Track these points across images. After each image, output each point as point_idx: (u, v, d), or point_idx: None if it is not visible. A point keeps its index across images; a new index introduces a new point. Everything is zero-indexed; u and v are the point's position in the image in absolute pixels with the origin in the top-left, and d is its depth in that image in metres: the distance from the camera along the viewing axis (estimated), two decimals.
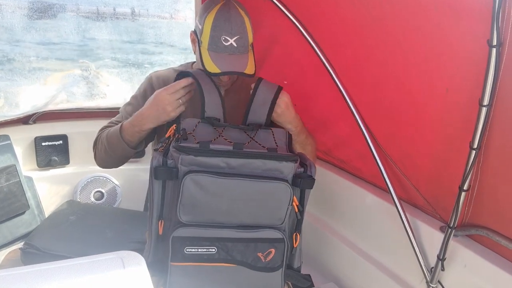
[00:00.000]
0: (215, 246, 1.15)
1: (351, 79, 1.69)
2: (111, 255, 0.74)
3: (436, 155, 1.44)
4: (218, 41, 1.31)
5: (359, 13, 1.52)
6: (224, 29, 1.31)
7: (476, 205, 1.32)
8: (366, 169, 1.82)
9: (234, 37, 1.32)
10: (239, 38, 1.33)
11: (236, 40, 1.33)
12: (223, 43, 1.32)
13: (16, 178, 1.96)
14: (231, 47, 1.33)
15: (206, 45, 1.33)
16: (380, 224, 1.71)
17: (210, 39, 1.32)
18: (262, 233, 1.18)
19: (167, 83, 1.42)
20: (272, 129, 1.31)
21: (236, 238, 1.16)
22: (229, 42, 1.32)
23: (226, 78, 1.44)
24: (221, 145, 1.13)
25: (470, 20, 1.15)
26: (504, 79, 1.10)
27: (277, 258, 1.22)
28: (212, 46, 1.32)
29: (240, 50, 1.35)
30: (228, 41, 1.32)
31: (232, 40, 1.32)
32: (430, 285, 1.44)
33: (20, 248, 1.64)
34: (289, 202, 1.18)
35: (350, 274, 1.84)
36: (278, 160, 1.15)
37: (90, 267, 0.71)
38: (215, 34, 1.31)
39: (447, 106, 1.32)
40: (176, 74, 1.37)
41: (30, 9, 3.68)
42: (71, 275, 0.68)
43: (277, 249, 1.21)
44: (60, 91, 2.57)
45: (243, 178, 1.12)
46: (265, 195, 1.15)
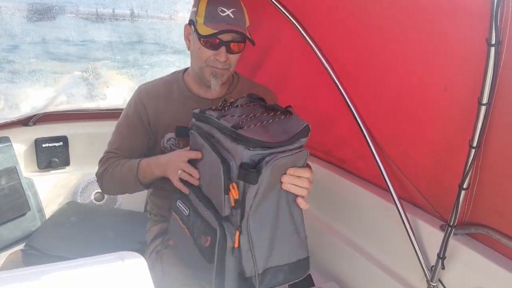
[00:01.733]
0: (189, 209, 1.12)
1: (350, 78, 1.70)
2: (112, 256, 0.74)
3: (435, 154, 1.44)
4: (215, 12, 1.26)
5: (358, 13, 1.52)
6: (219, 2, 1.27)
7: (476, 203, 1.32)
8: (366, 168, 1.82)
9: (231, 8, 1.27)
10: (236, 11, 1.28)
11: (233, 12, 1.27)
12: (220, 14, 1.26)
13: (17, 179, 1.96)
14: (228, 18, 1.26)
15: (202, 20, 1.27)
16: (380, 223, 1.71)
17: (206, 12, 1.26)
18: (209, 214, 1.03)
19: (157, 98, 1.40)
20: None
21: (197, 210, 1.09)
22: (226, 13, 1.26)
23: (223, 56, 1.28)
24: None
25: (468, 19, 1.15)
26: (503, 77, 1.10)
27: (210, 251, 1.02)
28: (208, 18, 1.26)
29: (239, 24, 1.28)
30: (225, 11, 1.26)
31: (229, 11, 1.26)
32: (431, 283, 1.44)
33: (21, 250, 1.64)
34: (223, 189, 0.97)
35: (351, 273, 1.84)
36: (234, 141, 0.96)
37: (91, 268, 0.71)
38: (211, 7, 1.26)
39: (446, 105, 1.32)
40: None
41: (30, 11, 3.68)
42: (72, 276, 0.68)
43: (211, 239, 1.02)
44: (60, 93, 2.57)
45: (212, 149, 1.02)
46: (212, 174, 1.03)
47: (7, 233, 1.88)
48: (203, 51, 1.29)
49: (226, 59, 1.30)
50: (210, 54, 1.29)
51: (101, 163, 1.42)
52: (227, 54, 1.29)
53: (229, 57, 1.30)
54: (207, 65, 1.32)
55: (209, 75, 1.33)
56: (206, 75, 1.34)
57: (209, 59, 1.30)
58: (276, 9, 1.84)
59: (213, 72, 1.32)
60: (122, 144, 1.43)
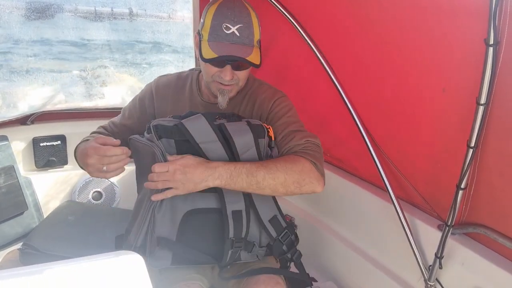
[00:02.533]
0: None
1: (348, 79, 1.70)
2: (110, 255, 0.74)
3: (433, 154, 1.44)
4: (219, 29, 1.17)
5: (356, 14, 1.52)
6: (225, 16, 1.17)
7: (473, 203, 1.32)
8: (364, 168, 1.82)
9: (237, 25, 1.17)
10: (242, 27, 1.18)
11: (239, 28, 1.17)
12: (224, 31, 1.17)
13: (15, 178, 1.96)
14: (232, 36, 1.17)
15: (206, 36, 1.20)
16: (378, 222, 1.71)
17: (211, 28, 1.19)
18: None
19: (166, 89, 1.40)
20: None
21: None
22: (230, 30, 1.17)
23: (228, 75, 1.22)
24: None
25: (467, 20, 1.16)
26: (501, 78, 1.10)
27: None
28: (212, 35, 1.19)
29: (244, 41, 1.19)
30: (229, 29, 1.17)
31: (234, 28, 1.17)
32: (428, 283, 1.44)
33: (19, 249, 1.64)
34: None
35: (349, 273, 1.84)
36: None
37: (89, 267, 0.71)
38: (216, 22, 1.18)
39: (444, 105, 1.33)
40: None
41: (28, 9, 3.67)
42: (70, 275, 0.68)
43: None
44: (58, 91, 2.56)
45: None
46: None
47: (5, 232, 1.88)
48: (209, 67, 1.24)
49: (232, 77, 1.24)
50: (216, 70, 1.23)
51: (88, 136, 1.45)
52: (233, 72, 1.23)
53: (236, 73, 1.24)
54: (214, 80, 1.26)
55: (215, 91, 1.29)
56: (213, 90, 1.30)
57: (215, 75, 1.25)
58: (276, 9, 1.84)
59: (219, 88, 1.27)
60: (120, 121, 1.46)
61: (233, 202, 1.16)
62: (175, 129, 1.15)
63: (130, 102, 1.50)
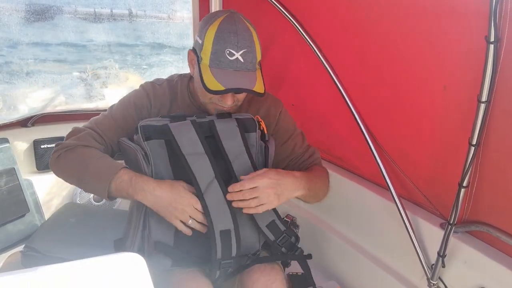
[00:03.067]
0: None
1: (349, 78, 1.70)
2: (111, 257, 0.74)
3: (435, 152, 1.44)
4: (222, 55, 1.12)
5: (357, 12, 1.52)
6: (228, 42, 1.12)
7: (475, 201, 1.32)
8: (366, 167, 1.82)
9: (241, 50, 1.12)
10: (246, 52, 1.13)
11: (242, 54, 1.13)
12: (228, 57, 1.12)
13: (16, 181, 1.95)
14: (236, 62, 1.13)
15: (207, 61, 1.14)
16: (380, 221, 1.71)
17: (212, 54, 1.13)
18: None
19: (163, 100, 1.30)
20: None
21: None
22: (234, 56, 1.12)
23: (229, 101, 1.20)
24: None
25: (467, 18, 1.15)
26: (502, 75, 1.10)
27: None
28: (214, 61, 1.13)
29: (248, 67, 1.15)
30: (233, 55, 1.12)
31: (238, 54, 1.12)
32: (431, 281, 1.44)
33: (21, 251, 1.63)
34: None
35: (351, 272, 1.84)
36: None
37: (91, 269, 0.71)
38: (218, 47, 1.12)
39: (445, 103, 1.32)
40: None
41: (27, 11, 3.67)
42: (72, 278, 0.68)
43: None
44: (59, 93, 2.56)
45: None
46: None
47: (6, 235, 1.87)
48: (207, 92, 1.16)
49: (233, 101, 1.21)
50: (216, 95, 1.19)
51: (74, 137, 1.23)
52: (234, 97, 1.20)
53: (236, 96, 1.21)
54: (212, 102, 1.22)
55: (212, 111, 1.25)
56: (211, 111, 1.26)
57: (214, 98, 1.21)
58: (276, 8, 1.84)
59: (217, 109, 1.23)
60: (109, 130, 1.27)
61: (220, 222, 1.12)
62: (166, 128, 1.14)
63: (119, 107, 1.32)
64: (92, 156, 1.18)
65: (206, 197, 1.10)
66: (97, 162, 1.17)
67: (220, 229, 1.11)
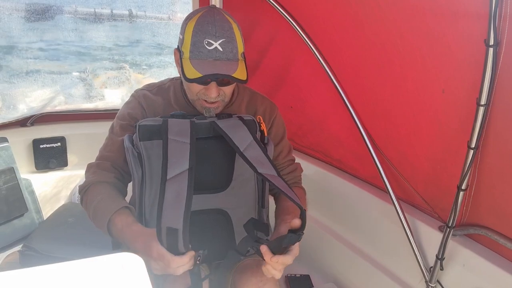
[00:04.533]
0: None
1: (348, 80, 1.70)
2: (110, 257, 0.73)
3: (433, 155, 1.44)
4: (201, 45, 1.12)
5: (356, 14, 1.52)
6: (206, 32, 1.12)
7: (474, 204, 1.32)
8: (364, 169, 1.82)
9: (219, 40, 1.12)
10: (225, 41, 1.13)
11: (221, 43, 1.12)
12: (206, 47, 1.12)
13: (15, 180, 1.95)
14: (216, 52, 1.12)
15: (187, 54, 1.14)
16: (379, 224, 1.71)
17: (192, 45, 1.13)
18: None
19: (156, 105, 1.29)
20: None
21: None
22: (213, 46, 1.12)
23: (214, 93, 1.18)
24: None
25: (466, 21, 1.16)
26: (501, 78, 1.10)
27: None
28: (194, 53, 1.13)
29: (228, 56, 1.14)
30: (211, 44, 1.12)
31: (216, 44, 1.12)
32: (429, 284, 1.44)
33: (19, 251, 1.63)
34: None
35: (349, 275, 1.84)
36: None
37: (89, 269, 0.71)
38: (196, 39, 1.12)
39: (444, 107, 1.33)
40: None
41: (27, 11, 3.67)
42: (70, 277, 0.68)
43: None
44: (58, 93, 2.56)
45: None
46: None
47: (5, 234, 1.87)
48: (193, 86, 1.19)
49: (218, 93, 1.19)
50: (200, 88, 1.19)
51: (88, 173, 1.27)
52: (218, 89, 1.19)
53: (222, 89, 1.20)
54: (199, 98, 1.22)
55: (201, 109, 1.24)
56: (199, 108, 1.25)
57: (200, 93, 1.20)
58: (275, 9, 1.84)
59: (204, 107, 1.22)
60: (113, 146, 1.28)
61: (170, 219, 1.04)
62: (164, 123, 1.13)
63: (117, 123, 1.31)
64: (93, 199, 1.19)
65: (168, 185, 1.02)
66: (95, 209, 1.17)
67: (168, 225, 1.00)
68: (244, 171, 1.19)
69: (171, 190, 1.01)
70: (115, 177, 1.26)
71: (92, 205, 1.18)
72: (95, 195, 1.19)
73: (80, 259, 0.72)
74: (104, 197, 1.18)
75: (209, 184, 1.17)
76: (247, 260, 1.27)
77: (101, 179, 1.23)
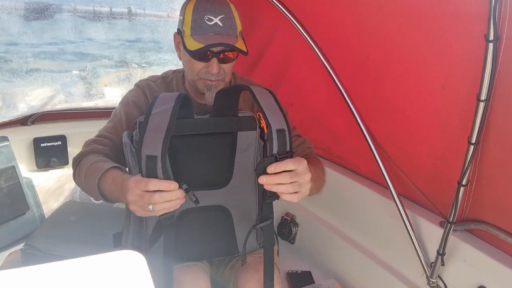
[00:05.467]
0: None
1: (348, 76, 1.70)
2: (111, 255, 0.74)
3: (434, 151, 1.44)
4: (201, 21, 1.16)
5: (356, 12, 1.51)
6: (206, 9, 1.17)
7: (475, 199, 1.32)
8: (365, 166, 1.82)
9: (219, 16, 1.17)
10: (224, 17, 1.17)
11: (221, 19, 1.17)
12: (207, 22, 1.16)
13: (16, 179, 1.96)
14: (216, 27, 1.16)
15: (188, 32, 1.18)
16: (380, 220, 1.71)
17: (192, 22, 1.17)
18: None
19: (152, 93, 1.28)
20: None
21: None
22: (213, 21, 1.16)
23: (215, 69, 1.20)
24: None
25: (466, 17, 1.15)
26: (502, 74, 1.10)
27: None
28: (195, 29, 1.17)
29: (228, 32, 1.18)
30: (212, 20, 1.16)
31: (216, 19, 1.16)
32: (430, 280, 1.44)
33: (21, 249, 1.64)
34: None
35: (350, 270, 1.84)
36: None
37: (91, 267, 0.71)
38: (197, 16, 1.17)
39: (444, 102, 1.33)
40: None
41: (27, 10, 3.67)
42: (72, 276, 0.68)
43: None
44: (58, 92, 2.56)
45: None
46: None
47: (6, 233, 1.88)
48: (194, 64, 1.21)
49: (219, 70, 1.21)
50: (202, 66, 1.21)
51: (84, 146, 1.26)
52: (219, 65, 1.21)
53: (222, 67, 1.22)
54: (200, 77, 1.24)
55: (202, 88, 1.26)
56: (200, 88, 1.26)
57: (201, 72, 1.22)
58: (275, 7, 1.84)
59: (206, 85, 1.24)
60: (114, 129, 1.28)
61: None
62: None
63: (119, 108, 1.33)
64: (86, 163, 1.16)
65: (152, 119, 1.00)
66: (88, 169, 1.15)
67: (147, 154, 0.95)
68: (244, 168, 1.19)
69: (153, 122, 1.00)
70: (110, 150, 1.25)
71: (84, 170, 1.16)
72: (87, 162, 1.17)
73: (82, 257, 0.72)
74: (97, 160, 1.16)
75: (209, 180, 1.17)
76: (248, 258, 1.27)
77: (95, 150, 1.23)
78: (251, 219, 1.21)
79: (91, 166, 1.15)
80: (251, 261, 1.25)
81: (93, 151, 1.22)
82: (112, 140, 1.27)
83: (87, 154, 1.22)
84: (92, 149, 1.23)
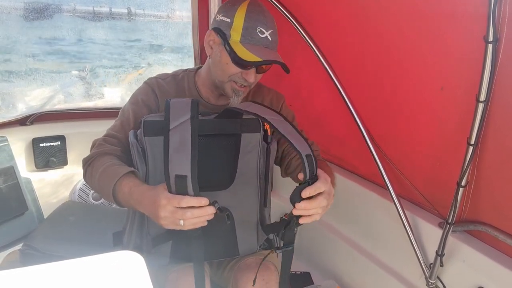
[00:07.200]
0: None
1: (348, 78, 1.70)
2: (110, 256, 0.74)
3: (433, 152, 1.44)
4: (253, 32, 1.17)
5: (356, 13, 1.52)
6: (259, 21, 1.18)
7: (474, 200, 1.32)
8: (364, 167, 1.82)
9: (269, 30, 1.20)
10: (273, 32, 1.21)
11: (270, 34, 1.20)
12: (259, 35, 1.18)
13: (14, 179, 1.95)
14: (266, 40, 1.19)
15: (238, 37, 1.18)
16: (379, 221, 1.71)
17: (244, 30, 1.17)
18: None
19: (168, 94, 1.28)
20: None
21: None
22: (264, 34, 1.19)
23: (252, 78, 1.23)
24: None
25: (465, 18, 1.16)
26: (501, 75, 1.10)
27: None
28: (246, 37, 1.17)
29: (274, 46, 1.22)
30: (263, 33, 1.18)
31: (267, 33, 1.19)
32: (429, 281, 1.44)
33: (19, 250, 1.63)
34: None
35: (350, 271, 1.84)
36: None
37: (90, 267, 0.71)
38: (249, 24, 1.17)
39: (443, 104, 1.33)
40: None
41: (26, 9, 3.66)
42: (71, 276, 0.68)
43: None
44: (57, 92, 2.56)
45: None
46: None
47: (5, 233, 1.87)
48: (231, 67, 1.20)
49: (255, 79, 1.24)
50: (238, 71, 1.21)
51: (94, 147, 1.25)
52: (256, 75, 1.23)
53: (256, 76, 1.25)
54: (231, 80, 1.23)
55: (230, 91, 1.25)
56: (227, 90, 1.26)
57: (235, 76, 1.22)
58: (276, 8, 1.84)
59: (234, 89, 1.24)
60: (122, 127, 1.27)
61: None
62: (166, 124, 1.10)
63: (128, 106, 1.31)
64: (99, 166, 1.16)
65: (172, 134, 1.01)
66: (103, 173, 1.14)
67: (176, 173, 0.98)
68: (247, 170, 1.19)
69: (175, 139, 1.01)
70: (122, 151, 1.24)
71: (97, 173, 1.16)
72: (100, 164, 1.17)
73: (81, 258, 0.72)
74: (111, 164, 1.16)
75: (212, 182, 1.17)
76: (248, 259, 1.27)
77: (107, 151, 1.22)
78: (252, 221, 1.22)
79: (106, 170, 1.14)
80: (251, 262, 1.25)
81: (106, 152, 1.21)
82: (120, 140, 1.26)
83: (99, 155, 1.21)
84: (104, 150, 1.21)
